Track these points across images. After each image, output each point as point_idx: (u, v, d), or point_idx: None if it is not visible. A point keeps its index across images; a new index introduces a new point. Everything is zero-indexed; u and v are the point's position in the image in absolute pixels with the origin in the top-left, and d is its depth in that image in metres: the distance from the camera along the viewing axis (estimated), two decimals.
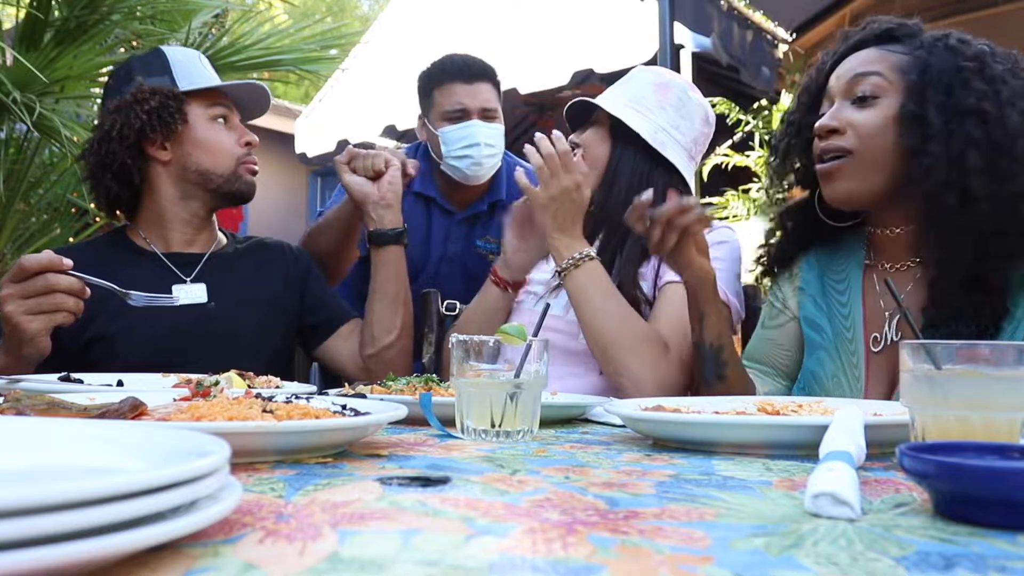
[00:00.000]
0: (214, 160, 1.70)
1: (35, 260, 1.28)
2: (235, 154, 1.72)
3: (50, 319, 1.29)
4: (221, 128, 1.72)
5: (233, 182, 1.72)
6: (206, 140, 1.70)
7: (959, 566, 0.43)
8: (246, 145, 1.74)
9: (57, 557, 0.34)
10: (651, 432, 0.95)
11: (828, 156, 1.33)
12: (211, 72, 1.78)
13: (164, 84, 1.68)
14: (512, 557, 0.43)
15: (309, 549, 0.44)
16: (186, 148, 1.69)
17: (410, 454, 0.81)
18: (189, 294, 1.67)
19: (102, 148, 1.66)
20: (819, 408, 1.02)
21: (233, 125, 1.75)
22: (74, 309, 1.30)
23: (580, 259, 1.51)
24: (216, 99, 1.74)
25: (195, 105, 1.71)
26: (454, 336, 1.00)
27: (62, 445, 0.55)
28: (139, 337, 1.59)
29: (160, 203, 1.72)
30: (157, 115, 1.64)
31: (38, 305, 1.28)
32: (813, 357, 1.44)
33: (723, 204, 5.68)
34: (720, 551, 0.45)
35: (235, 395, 0.94)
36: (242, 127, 1.77)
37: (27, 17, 2.52)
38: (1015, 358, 0.70)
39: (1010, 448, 0.61)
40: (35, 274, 1.28)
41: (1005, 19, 5.22)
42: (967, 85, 1.24)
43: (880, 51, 1.35)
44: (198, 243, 1.77)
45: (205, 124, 1.71)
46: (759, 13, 5.24)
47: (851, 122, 1.31)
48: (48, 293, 1.28)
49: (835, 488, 0.54)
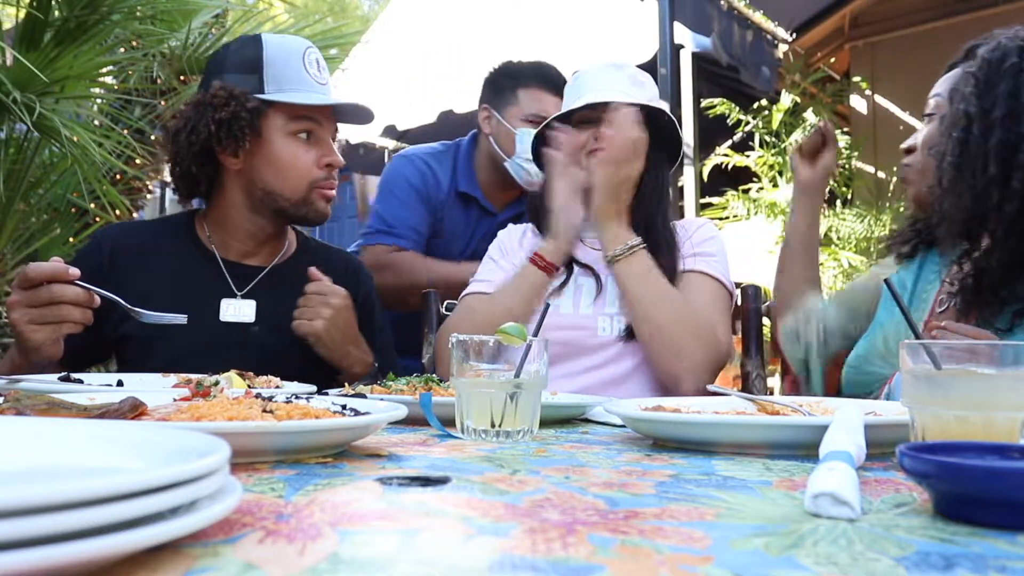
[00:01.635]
0: (284, 182, 1.57)
1: (39, 270, 1.24)
2: (309, 177, 1.57)
3: (55, 330, 1.25)
4: (300, 145, 1.57)
5: (301, 207, 1.58)
6: (279, 158, 1.56)
7: (959, 566, 0.43)
8: (326, 167, 1.58)
9: (57, 557, 0.34)
10: (651, 432, 0.95)
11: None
12: (312, 74, 1.59)
13: (250, 86, 1.55)
14: (512, 557, 0.43)
15: (309, 549, 0.44)
16: (257, 162, 1.57)
17: (410, 454, 0.81)
18: (236, 311, 1.58)
19: (174, 144, 1.57)
20: (819, 408, 1.02)
21: (318, 140, 1.59)
22: (81, 319, 1.26)
23: (635, 246, 1.57)
24: (302, 112, 1.57)
25: (276, 115, 1.56)
26: (454, 336, 0.99)
27: (62, 445, 0.55)
28: (175, 345, 1.52)
29: (227, 209, 1.62)
30: (227, 125, 1.52)
31: (42, 316, 1.24)
32: (885, 308, 1.59)
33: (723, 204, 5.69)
34: (720, 551, 0.45)
35: (235, 395, 0.94)
36: (329, 145, 1.60)
37: (27, 17, 2.52)
38: (1015, 358, 0.70)
39: (1010, 448, 0.61)
40: (40, 283, 1.23)
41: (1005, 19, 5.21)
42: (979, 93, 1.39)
43: (950, 74, 1.55)
44: (260, 255, 1.67)
45: (282, 140, 1.56)
46: (759, 13, 5.25)
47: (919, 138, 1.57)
48: (54, 304, 1.23)
49: (835, 488, 0.54)
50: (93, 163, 2.57)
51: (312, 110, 1.57)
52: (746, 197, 5.55)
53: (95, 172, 2.64)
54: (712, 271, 1.65)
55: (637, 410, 0.97)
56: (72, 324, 1.25)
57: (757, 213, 5.47)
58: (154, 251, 1.62)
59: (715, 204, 5.74)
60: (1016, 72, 1.32)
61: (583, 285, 1.69)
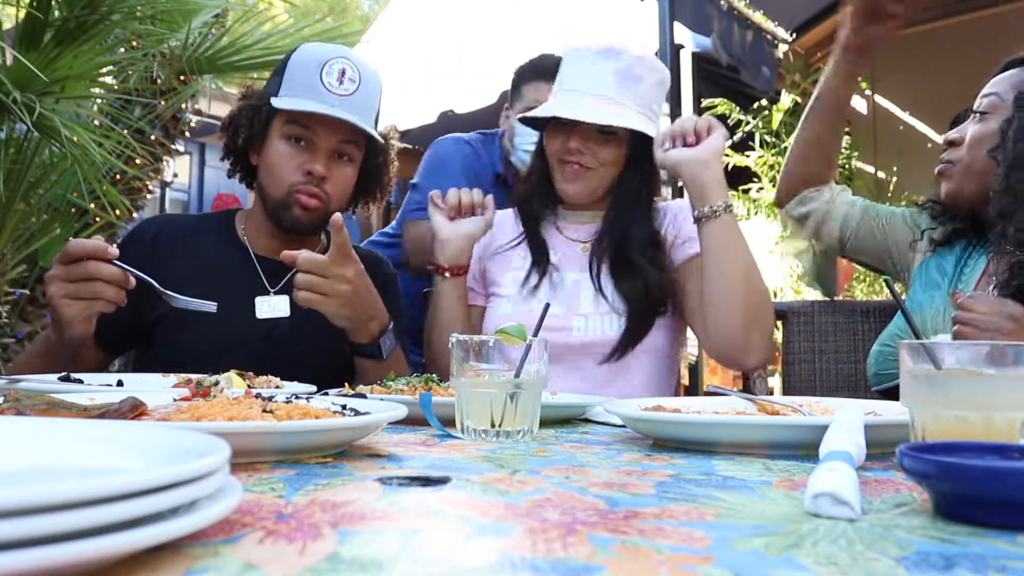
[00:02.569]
0: (270, 180, 1.63)
1: (80, 245, 1.27)
2: (288, 180, 1.60)
3: (88, 306, 1.28)
4: (289, 148, 1.61)
5: (280, 209, 1.62)
6: (269, 158, 1.63)
7: (959, 566, 0.43)
8: (307, 174, 1.60)
9: (57, 557, 0.34)
10: (651, 432, 0.95)
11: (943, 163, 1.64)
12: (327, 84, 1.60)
13: (272, 86, 1.64)
14: (512, 557, 0.43)
15: (309, 549, 0.44)
16: (261, 161, 1.65)
17: (410, 454, 0.81)
18: (272, 307, 1.62)
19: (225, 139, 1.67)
20: (819, 408, 1.02)
21: (311, 146, 1.61)
22: (114, 298, 1.29)
23: (730, 205, 1.55)
24: (296, 117, 1.60)
25: (279, 118, 1.62)
26: (454, 336, 1.00)
27: (62, 445, 0.55)
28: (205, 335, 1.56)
29: (257, 205, 1.70)
30: (248, 124, 1.62)
31: (77, 291, 1.27)
32: (928, 293, 1.63)
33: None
34: (720, 551, 0.45)
35: (235, 395, 0.94)
36: (317, 153, 1.60)
37: (27, 17, 2.52)
38: (1015, 358, 0.70)
39: (1010, 448, 0.61)
40: (79, 259, 1.27)
41: (1005, 19, 5.22)
42: None
43: (1007, 74, 1.59)
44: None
45: (276, 140, 1.62)
46: (759, 13, 5.24)
47: (968, 133, 1.60)
48: (90, 280, 1.27)
49: (835, 488, 0.54)
50: (93, 163, 2.57)
51: (306, 117, 1.59)
52: (746, 197, 5.54)
53: (95, 172, 2.64)
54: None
55: (637, 410, 0.97)
56: (105, 303, 1.29)
57: (757, 213, 5.47)
58: (195, 243, 1.68)
59: None
60: None
61: (558, 283, 1.68)
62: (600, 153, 1.64)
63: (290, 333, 1.62)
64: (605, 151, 1.64)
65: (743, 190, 5.59)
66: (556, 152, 1.66)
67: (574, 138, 1.62)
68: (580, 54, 1.67)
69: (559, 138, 1.65)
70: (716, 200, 1.52)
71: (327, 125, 1.60)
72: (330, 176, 1.61)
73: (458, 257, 1.68)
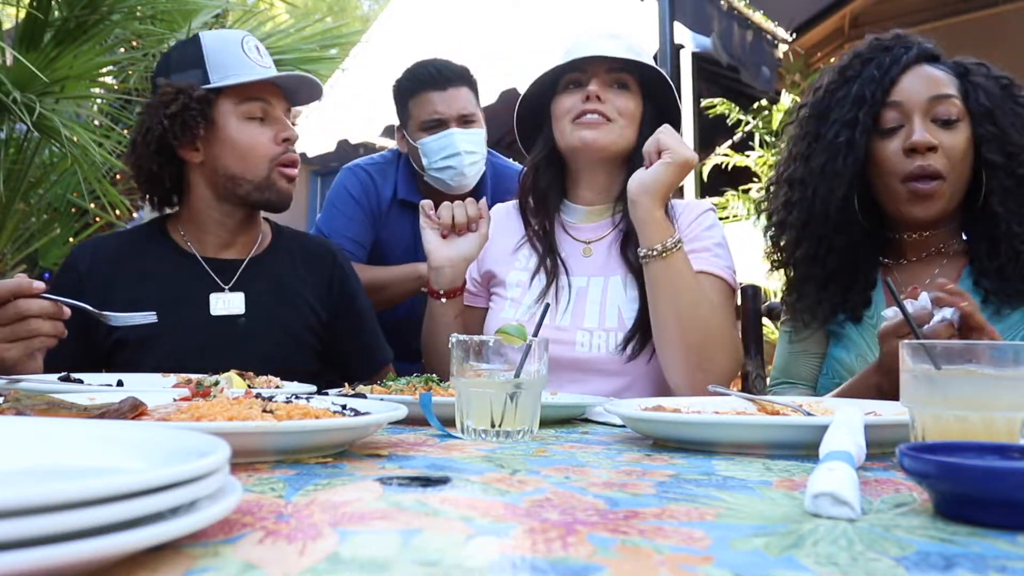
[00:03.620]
0: (244, 164, 1.59)
1: (2, 287, 1.22)
2: (268, 154, 1.59)
3: (27, 346, 1.23)
4: (254, 126, 1.59)
5: (264, 190, 1.60)
6: (236, 141, 1.58)
7: (959, 566, 0.43)
8: (284, 142, 1.60)
9: (57, 557, 0.34)
10: (651, 432, 0.95)
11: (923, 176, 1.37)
12: (253, 59, 1.61)
13: (195, 79, 1.58)
14: (512, 557, 0.43)
15: (309, 549, 0.44)
16: (217, 150, 1.59)
17: (410, 454, 0.81)
18: (226, 304, 1.59)
19: (134, 152, 1.60)
20: (819, 408, 1.02)
21: (273, 119, 1.61)
22: (51, 332, 1.25)
23: (677, 243, 1.43)
24: (250, 93, 1.59)
25: (226, 101, 1.58)
26: (454, 336, 0.99)
27: (62, 445, 0.55)
28: (168, 346, 1.53)
29: (197, 204, 1.64)
30: (180, 119, 1.54)
31: (13, 333, 1.22)
32: (839, 345, 1.51)
33: (723, 204, 5.69)
34: (720, 551, 0.45)
35: (235, 395, 0.94)
36: (283, 121, 1.62)
37: (27, 17, 2.52)
38: (1015, 358, 0.70)
39: (1010, 448, 0.61)
40: (6, 301, 1.21)
41: (1005, 19, 5.22)
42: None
43: (942, 72, 1.44)
44: (237, 248, 1.68)
45: (235, 124, 1.58)
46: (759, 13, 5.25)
47: (942, 143, 1.38)
48: (22, 319, 1.22)
49: (835, 488, 0.54)
50: (93, 163, 2.57)
51: (260, 89, 1.59)
52: (746, 197, 5.54)
53: (95, 172, 2.64)
54: (719, 271, 1.54)
55: (637, 410, 0.97)
56: (44, 338, 1.24)
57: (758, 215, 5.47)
58: (133, 260, 1.62)
59: (715, 204, 5.74)
60: None
61: (563, 288, 1.62)
62: (617, 102, 1.60)
63: (249, 333, 1.59)
64: (621, 100, 1.60)
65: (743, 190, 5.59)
66: (570, 108, 1.60)
67: (592, 85, 1.59)
68: (584, 36, 1.67)
69: (573, 96, 1.61)
70: (649, 242, 1.43)
71: (275, 93, 1.61)
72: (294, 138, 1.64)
73: (454, 281, 1.61)
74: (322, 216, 2.26)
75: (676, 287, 1.42)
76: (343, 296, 1.74)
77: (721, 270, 1.55)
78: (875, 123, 1.42)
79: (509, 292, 1.67)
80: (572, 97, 1.61)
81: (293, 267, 1.71)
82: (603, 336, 1.56)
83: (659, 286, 1.43)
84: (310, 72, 3.29)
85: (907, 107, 1.40)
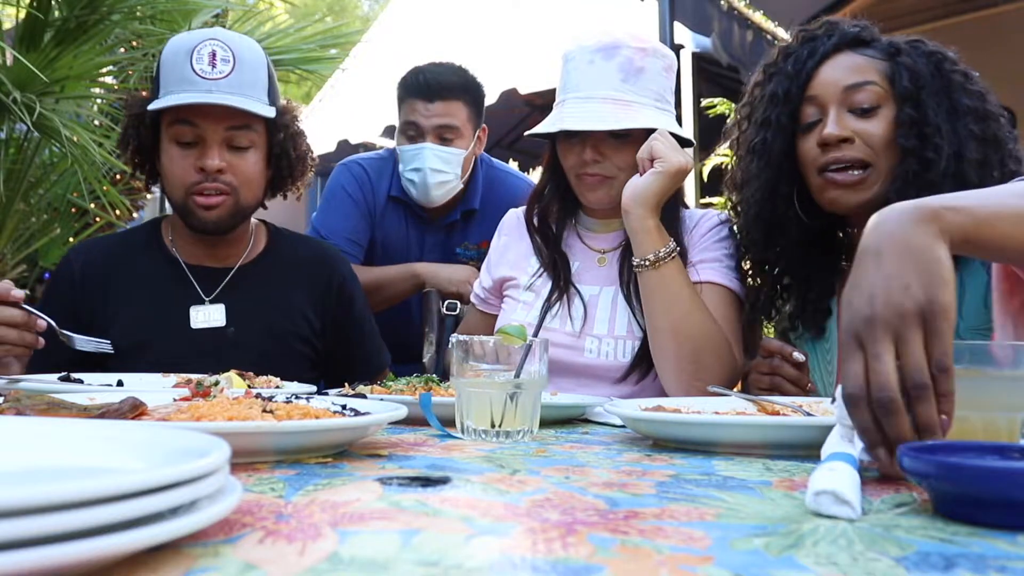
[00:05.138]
0: (169, 188, 1.55)
1: None
2: (184, 183, 1.51)
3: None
4: (180, 150, 1.51)
5: (185, 215, 1.54)
6: (163, 165, 1.54)
7: (959, 566, 0.43)
8: (199, 171, 1.49)
9: (57, 557, 0.34)
10: (651, 432, 0.94)
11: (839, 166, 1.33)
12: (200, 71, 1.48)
13: (152, 91, 1.54)
14: (512, 557, 0.43)
15: (309, 549, 0.44)
16: (161, 171, 1.57)
17: (410, 454, 0.81)
18: (206, 317, 1.56)
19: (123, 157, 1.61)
20: (819, 408, 1.02)
21: (201, 142, 1.50)
22: (17, 341, 1.24)
23: (671, 252, 1.42)
24: (179, 115, 1.49)
25: (165, 123, 1.52)
26: (454, 336, 0.99)
27: (62, 445, 0.55)
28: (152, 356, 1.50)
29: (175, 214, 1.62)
30: (134, 134, 1.55)
31: None
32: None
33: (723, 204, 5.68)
34: (720, 551, 0.45)
35: (235, 395, 0.94)
36: (206, 147, 1.50)
37: (27, 17, 2.52)
38: (1015, 358, 0.70)
39: (1010, 448, 0.61)
40: None
41: (1005, 19, 5.22)
42: (960, 88, 1.31)
43: (863, 58, 1.36)
44: (223, 257, 1.63)
45: (167, 145, 1.53)
46: (759, 13, 5.24)
47: (859, 132, 1.32)
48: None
49: (836, 487, 0.54)
50: (93, 163, 2.57)
51: (186, 112, 1.48)
52: None
53: (95, 172, 2.64)
54: (726, 281, 1.52)
55: (637, 410, 0.97)
56: (9, 347, 1.24)
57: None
58: (122, 263, 1.60)
59: (715, 204, 5.73)
60: None
61: (574, 296, 1.60)
62: (616, 158, 1.54)
63: (236, 344, 1.56)
64: (621, 156, 1.54)
65: None
66: (573, 167, 1.58)
67: (588, 149, 1.54)
68: (579, 55, 1.59)
69: (573, 151, 1.57)
70: (642, 252, 1.43)
71: (208, 115, 1.48)
72: (229, 166, 1.51)
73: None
74: (317, 214, 2.24)
75: (669, 296, 1.41)
76: (341, 302, 1.71)
77: (728, 281, 1.53)
78: (796, 120, 1.39)
79: (521, 295, 1.65)
80: (572, 152, 1.57)
81: (286, 274, 1.66)
82: (612, 343, 1.55)
83: (652, 295, 1.43)
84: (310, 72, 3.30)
85: (822, 99, 1.36)
